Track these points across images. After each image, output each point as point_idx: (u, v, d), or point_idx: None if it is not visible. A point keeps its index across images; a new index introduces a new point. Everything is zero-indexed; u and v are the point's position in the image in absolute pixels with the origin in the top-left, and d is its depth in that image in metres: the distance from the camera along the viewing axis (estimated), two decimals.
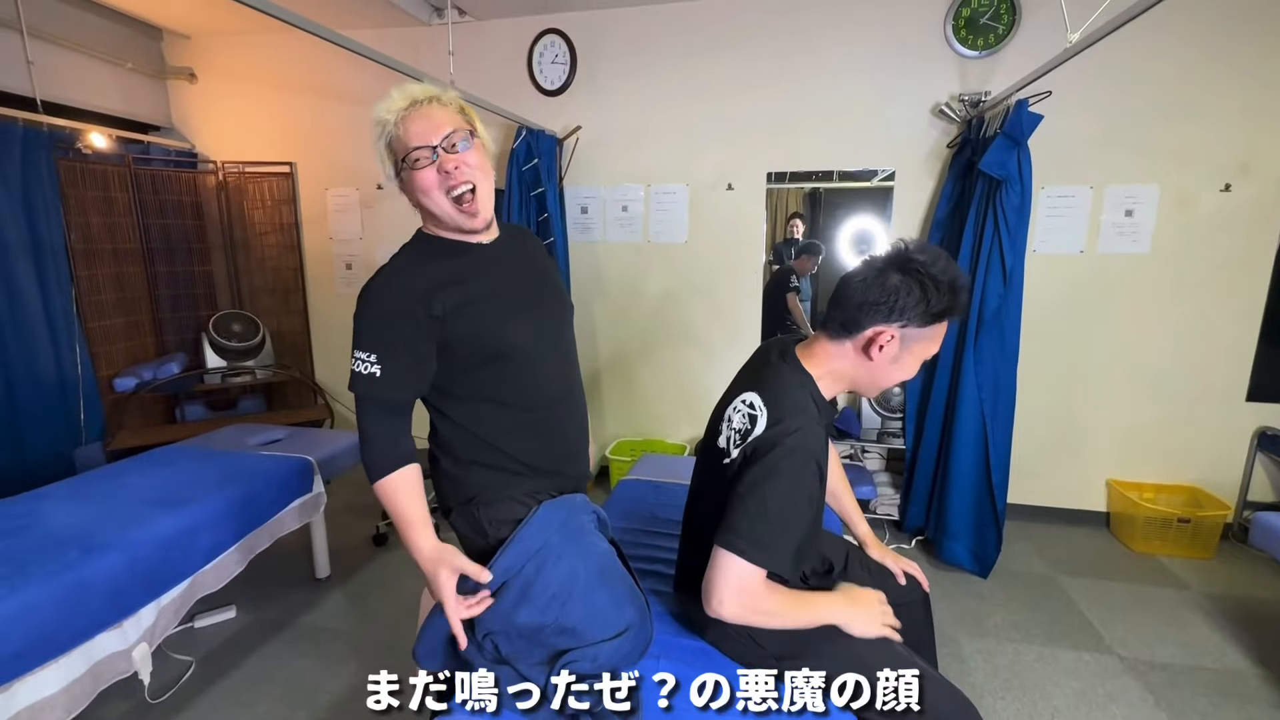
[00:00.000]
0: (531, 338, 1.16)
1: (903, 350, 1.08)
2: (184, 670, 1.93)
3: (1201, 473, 2.81)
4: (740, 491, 1.05)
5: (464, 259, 1.14)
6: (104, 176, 3.14)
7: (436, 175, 1.07)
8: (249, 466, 2.18)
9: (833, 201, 3.00)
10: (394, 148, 1.08)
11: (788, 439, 1.03)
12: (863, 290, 1.07)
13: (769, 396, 1.10)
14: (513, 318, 1.14)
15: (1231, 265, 2.65)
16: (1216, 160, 2.59)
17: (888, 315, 1.05)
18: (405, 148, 1.06)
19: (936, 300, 1.04)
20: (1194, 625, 2.20)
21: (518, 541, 1.13)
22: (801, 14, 2.86)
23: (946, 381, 2.60)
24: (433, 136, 1.05)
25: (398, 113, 1.06)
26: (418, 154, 1.05)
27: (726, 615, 1.05)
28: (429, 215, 1.13)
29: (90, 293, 3.06)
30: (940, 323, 1.07)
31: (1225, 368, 2.73)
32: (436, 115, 1.07)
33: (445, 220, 1.12)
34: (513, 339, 1.13)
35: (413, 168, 1.06)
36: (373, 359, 1.07)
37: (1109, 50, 2.20)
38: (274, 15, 1.62)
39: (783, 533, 1.02)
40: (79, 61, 3.13)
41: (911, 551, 2.74)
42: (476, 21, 3.20)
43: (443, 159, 1.06)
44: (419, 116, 1.06)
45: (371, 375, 1.07)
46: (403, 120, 1.06)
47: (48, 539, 1.61)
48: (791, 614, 1.10)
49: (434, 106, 1.07)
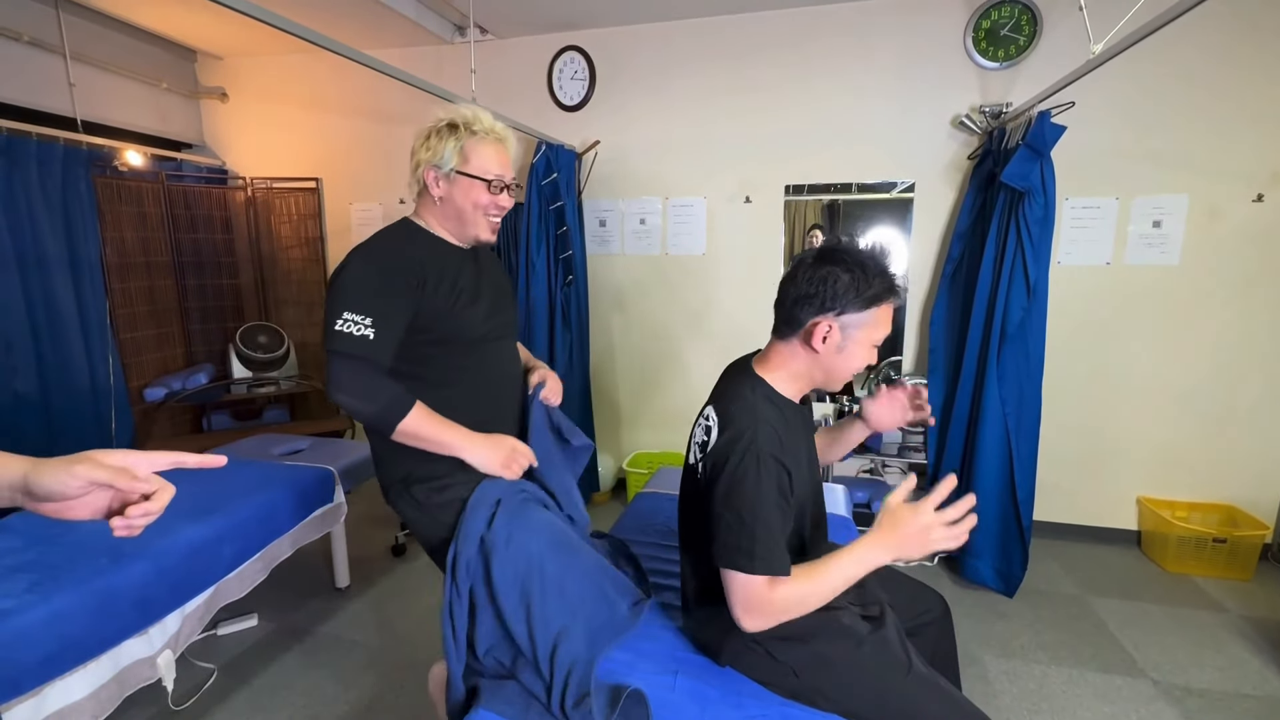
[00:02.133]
0: (492, 332, 1.32)
1: (845, 339, 1.11)
2: (206, 677, 1.95)
3: (1238, 491, 2.72)
4: (717, 509, 1.07)
5: (446, 253, 1.29)
6: (138, 193, 3.24)
7: (492, 201, 1.26)
8: (272, 476, 2.21)
9: (852, 213, 2.99)
10: (468, 154, 1.23)
11: (738, 444, 1.06)
12: (795, 286, 1.12)
13: (721, 408, 1.14)
14: (480, 311, 1.29)
15: (1265, 277, 2.58)
16: (1248, 170, 2.53)
17: (821, 305, 1.09)
18: (485, 167, 1.24)
19: (865, 285, 1.08)
20: (1232, 649, 2.12)
21: (464, 538, 1.19)
22: (821, 27, 2.87)
23: (969, 395, 2.56)
24: (507, 174, 1.28)
25: (486, 132, 1.24)
26: (496, 180, 1.25)
27: (753, 627, 1.04)
28: (447, 215, 1.28)
29: (123, 305, 3.16)
30: (878, 306, 1.11)
31: (1261, 382, 2.65)
32: (508, 157, 1.29)
33: (466, 227, 1.29)
34: (480, 329, 1.28)
35: (484, 181, 1.24)
36: (367, 321, 1.12)
37: (1133, 60, 2.18)
38: (303, 37, 1.67)
39: (766, 534, 1.02)
40: (117, 83, 3.25)
41: (934, 569, 2.68)
42: (498, 40, 3.26)
43: (505, 196, 1.28)
44: (502, 151, 1.27)
45: (365, 338, 1.12)
46: (487, 142, 1.24)
47: (79, 547, 1.65)
48: (814, 592, 1.03)
49: (507, 148, 1.29)
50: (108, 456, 0.63)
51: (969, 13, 2.68)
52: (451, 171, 1.23)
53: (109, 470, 0.61)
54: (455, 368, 1.28)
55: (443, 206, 1.27)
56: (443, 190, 1.25)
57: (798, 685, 1.12)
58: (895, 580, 1.40)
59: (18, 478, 0.61)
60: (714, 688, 1.15)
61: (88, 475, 0.60)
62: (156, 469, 0.66)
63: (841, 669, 1.11)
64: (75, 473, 0.60)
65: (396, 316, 1.17)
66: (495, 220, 1.29)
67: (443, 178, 1.24)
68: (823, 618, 1.16)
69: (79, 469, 0.60)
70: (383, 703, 1.87)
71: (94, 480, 0.60)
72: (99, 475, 0.60)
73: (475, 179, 1.23)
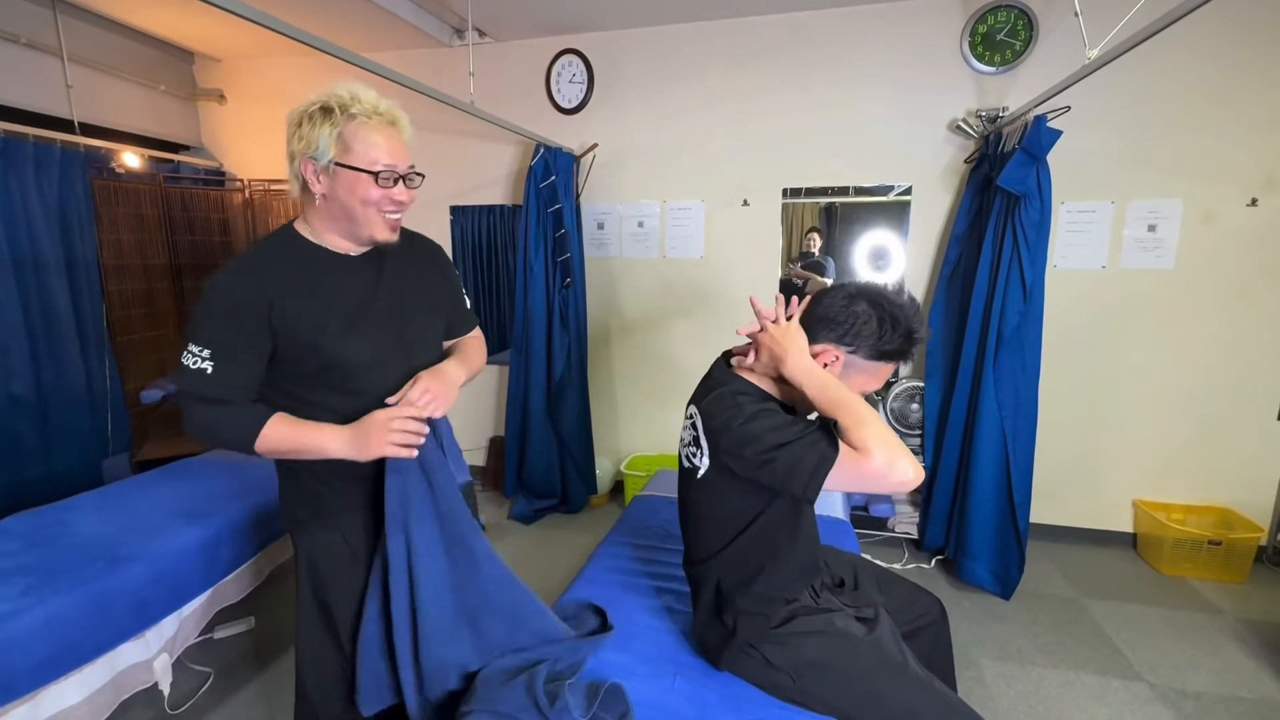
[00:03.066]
0: (371, 352, 1.11)
1: (843, 376, 1.12)
2: (203, 681, 1.95)
3: (1233, 493, 2.74)
4: (760, 461, 1.02)
5: (325, 267, 1.10)
6: (136, 195, 3.24)
7: (384, 195, 1.07)
8: (270, 479, 2.20)
9: (849, 216, 3.00)
10: (348, 141, 1.04)
11: (729, 410, 1.09)
12: (825, 306, 1.12)
13: (704, 407, 1.16)
14: (354, 331, 1.10)
15: (1260, 280, 2.59)
16: (1242, 175, 2.55)
17: (840, 337, 1.10)
18: (371, 156, 1.04)
19: (889, 339, 1.08)
20: (1228, 652, 2.13)
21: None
22: (818, 31, 2.88)
23: (966, 398, 2.57)
24: (400, 163, 1.07)
25: (369, 114, 1.04)
26: (386, 170, 1.05)
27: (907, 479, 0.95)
28: (333, 216, 1.09)
29: (120, 307, 3.15)
30: (886, 363, 1.11)
31: (1255, 385, 2.66)
32: (400, 142, 1.09)
33: (358, 228, 1.09)
34: (348, 352, 1.08)
35: (370, 174, 1.04)
36: (205, 354, 1.01)
37: (1129, 65, 2.19)
38: (301, 40, 1.67)
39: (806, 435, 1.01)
40: (114, 85, 3.24)
41: (931, 571, 2.69)
42: (496, 43, 3.26)
43: (400, 189, 1.09)
44: (392, 134, 1.07)
45: (201, 371, 1.01)
46: (371, 126, 1.04)
47: (76, 550, 1.64)
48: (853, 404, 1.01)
49: (398, 132, 1.09)
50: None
51: (965, 17, 2.70)
52: (330, 164, 1.04)
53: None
54: (318, 404, 1.10)
55: (326, 205, 1.07)
56: (324, 186, 1.06)
57: (794, 689, 1.13)
58: (892, 583, 1.40)
59: None
60: (712, 691, 1.16)
61: None
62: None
63: (837, 672, 1.12)
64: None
65: (245, 347, 1.03)
66: (394, 217, 1.10)
67: (322, 171, 1.05)
68: (818, 621, 1.16)
69: None
70: None
71: None
72: None
73: (360, 171, 1.04)
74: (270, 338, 1.04)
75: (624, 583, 1.55)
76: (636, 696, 1.13)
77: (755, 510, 1.15)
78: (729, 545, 1.17)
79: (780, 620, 1.15)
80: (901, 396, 2.90)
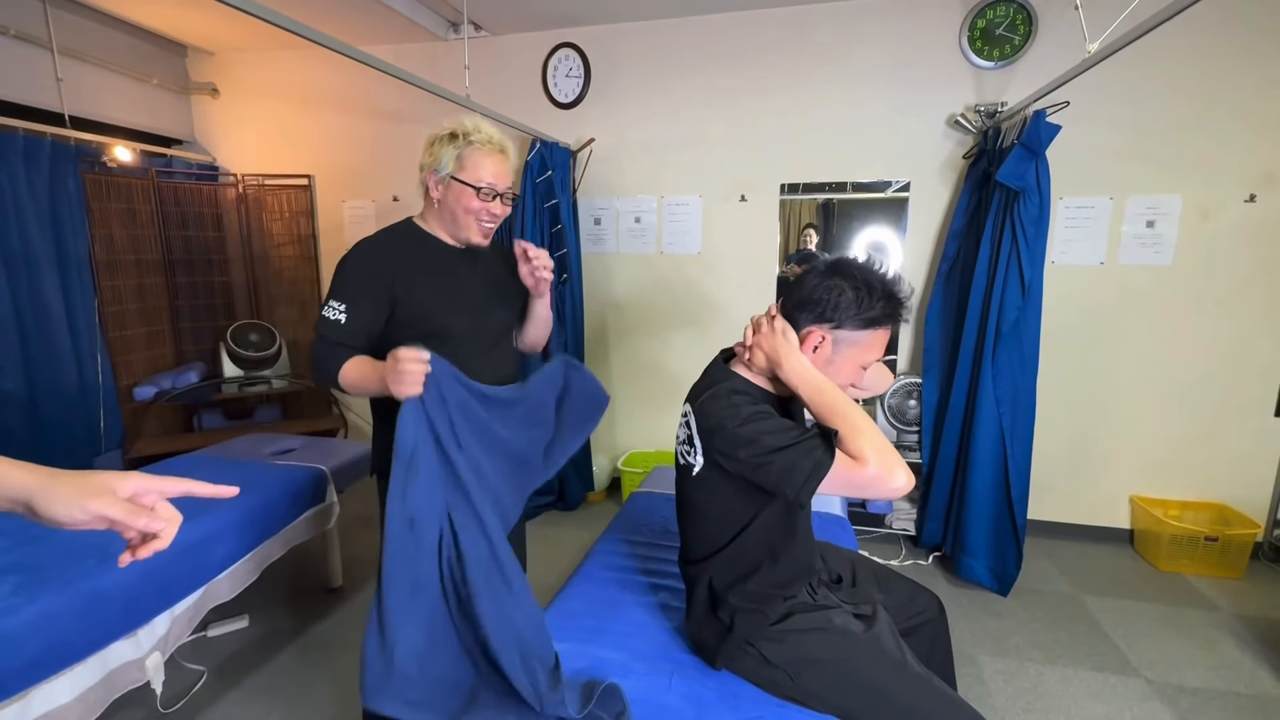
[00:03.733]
0: (468, 333, 1.36)
1: (835, 353, 1.12)
2: (196, 679, 1.93)
3: (1229, 490, 2.74)
4: (755, 463, 1.02)
5: (435, 253, 1.37)
6: (128, 189, 3.21)
7: (483, 208, 1.33)
8: (264, 476, 2.19)
9: (846, 212, 2.99)
10: (464, 161, 1.30)
11: (726, 411, 1.08)
12: (800, 290, 1.12)
13: (699, 405, 1.15)
14: (456, 311, 1.35)
15: (1258, 277, 2.59)
16: (1240, 171, 2.54)
17: (820, 315, 1.10)
18: (478, 175, 1.31)
19: (868, 305, 1.08)
20: (1224, 648, 2.13)
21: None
22: (816, 26, 2.86)
23: (964, 394, 2.56)
24: (501, 184, 1.34)
25: (483, 142, 1.31)
26: (487, 188, 1.31)
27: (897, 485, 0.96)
28: (443, 218, 1.36)
29: (112, 303, 3.12)
30: (875, 329, 1.10)
31: (1253, 381, 2.66)
32: (506, 167, 1.36)
33: (458, 230, 1.36)
34: (450, 324, 1.33)
35: (475, 189, 1.30)
36: (341, 309, 1.26)
37: (1128, 62, 2.18)
38: (296, 32, 1.64)
39: (801, 439, 1.00)
40: (106, 78, 3.21)
41: (929, 568, 2.69)
42: (492, 37, 3.24)
43: (497, 204, 1.35)
44: (499, 160, 1.34)
45: (337, 321, 1.26)
46: (484, 152, 1.31)
47: (66, 548, 1.62)
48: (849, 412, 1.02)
49: (506, 158, 1.35)
50: (122, 483, 0.60)
51: (964, 12, 2.68)
52: (447, 177, 1.31)
53: (122, 509, 0.59)
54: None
55: (439, 209, 1.36)
56: (439, 194, 1.34)
57: (792, 687, 1.12)
58: (890, 580, 1.40)
59: (21, 493, 0.58)
60: (710, 690, 1.15)
61: (99, 511, 0.58)
62: (168, 496, 0.64)
63: (834, 669, 1.11)
64: (88, 508, 0.58)
65: (370, 307, 1.28)
66: (488, 226, 1.37)
67: (440, 182, 1.32)
68: (816, 618, 1.15)
69: (92, 505, 0.58)
70: None
71: (105, 517, 0.58)
72: (113, 513, 0.58)
73: (467, 185, 1.30)
74: (389, 304, 1.30)
75: (621, 580, 1.54)
76: (633, 695, 1.12)
77: (752, 510, 1.14)
78: (726, 547, 1.16)
79: (778, 617, 1.15)
80: (899, 393, 2.89)
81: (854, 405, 1.04)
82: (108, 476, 0.60)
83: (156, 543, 0.62)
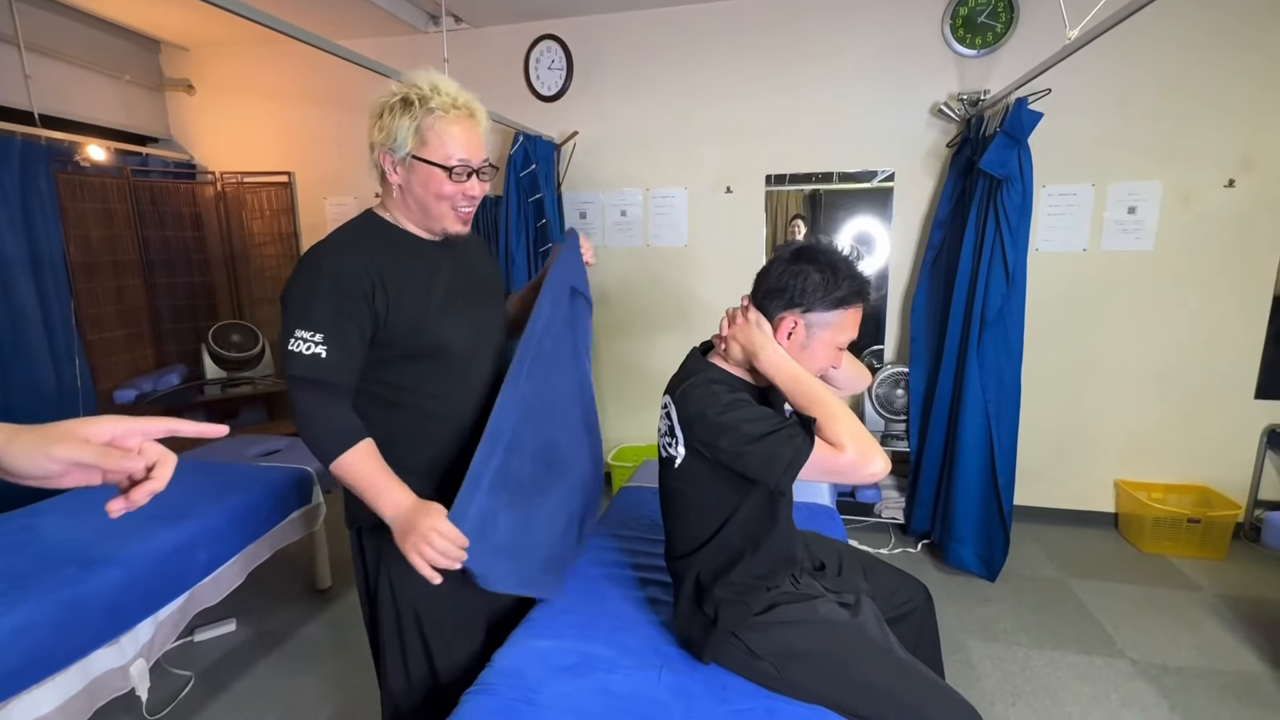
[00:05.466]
0: (467, 334, 1.16)
1: (810, 337, 1.13)
2: (183, 685, 1.91)
3: (1211, 472, 2.78)
4: (735, 452, 1.03)
5: (412, 250, 1.12)
6: (102, 189, 3.14)
7: (458, 190, 1.08)
8: (248, 478, 2.16)
9: (833, 203, 2.99)
10: (425, 135, 1.04)
11: (705, 400, 1.09)
12: (768, 279, 1.14)
13: (677, 395, 1.15)
14: (450, 318, 1.13)
15: (1237, 261, 2.62)
16: (1219, 156, 2.56)
17: (790, 301, 1.12)
18: (446, 152, 1.05)
19: (834, 286, 1.10)
20: (1207, 628, 2.16)
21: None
22: (799, 16, 2.84)
23: (950, 382, 2.58)
24: (475, 157, 1.08)
25: (446, 108, 1.05)
26: (461, 165, 1.06)
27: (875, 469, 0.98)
28: (408, 206, 1.11)
29: (90, 305, 3.06)
30: (845, 309, 1.12)
31: (1233, 365, 2.70)
32: (478, 133, 1.09)
33: (430, 220, 1.11)
34: (446, 335, 1.12)
35: (446, 169, 1.05)
36: (317, 338, 0.99)
37: (1108, 47, 2.19)
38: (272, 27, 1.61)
39: (781, 426, 1.02)
40: (77, 74, 3.13)
41: (918, 555, 2.71)
42: (473, 29, 3.20)
43: (474, 184, 1.10)
44: (470, 128, 1.07)
45: (316, 356, 0.99)
46: (448, 120, 1.05)
47: (46, 555, 1.60)
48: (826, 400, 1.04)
49: (476, 124, 1.09)
50: (92, 428, 0.55)
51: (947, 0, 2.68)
52: (408, 157, 1.05)
53: (94, 450, 0.54)
54: (411, 389, 1.12)
55: (403, 196, 1.10)
56: (400, 178, 1.08)
57: (779, 680, 1.12)
58: (877, 570, 1.40)
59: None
60: (698, 683, 1.14)
61: (69, 457, 0.53)
62: (151, 437, 0.58)
63: (819, 661, 1.11)
64: (54, 455, 0.53)
65: (353, 329, 1.03)
66: (465, 211, 1.12)
67: (399, 164, 1.06)
68: (801, 610, 1.15)
69: (58, 450, 0.53)
70: (368, 707, 1.85)
71: (76, 461, 0.53)
72: (83, 456, 0.53)
73: (435, 165, 1.04)
74: (372, 319, 1.05)
75: (609, 574, 1.53)
76: (622, 689, 1.11)
77: (734, 500, 1.14)
78: (711, 539, 1.16)
79: (762, 608, 1.15)
80: (887, 382, 2.91)
81: (831, 393, 1.05)
82: (74, 423, 0.56)
83: (151, 484, 0.57)
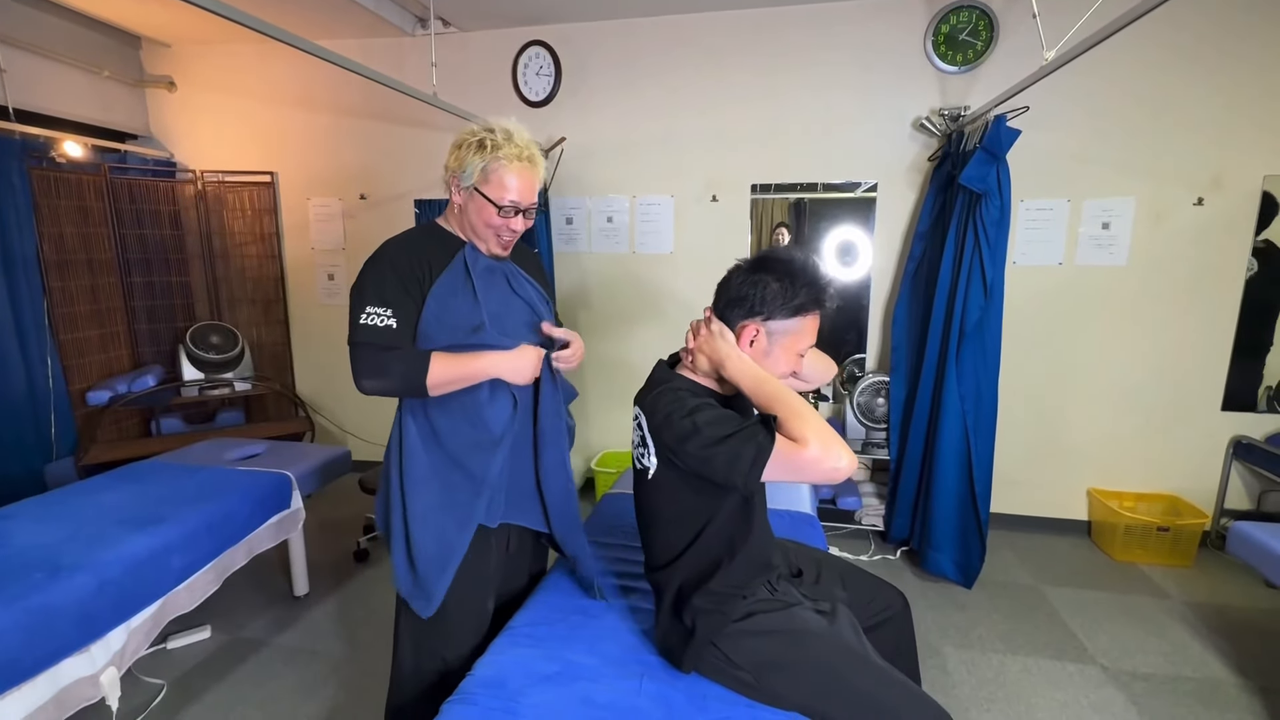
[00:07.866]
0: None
1: (771, 344, 1.16)
2: (155, 694, 1.87)
3: (1180, 481, 2.85)
4: (701, 456, 1.04)
5: (469, 256, 1.32)
6: (79, 186, 3.09)
7: (503, 224, 1.28)
8: (225, 482, 2.13)
9: (817, 212, 3.03)
10: (489, 175, 1.24)
11: (670, 407, 1.11)
12: (728, 289, 1.17)
13: (647, 404, 1.17)
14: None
15: (1205, 277, 2.70)
16: (1189, 175, 2.64)
17: (750, 310, 1.14)
18: (503, 191, 1.25)
19: (792, 294, 1.12)
20: (1175, 634, 2.22)
21: None
22: (785, 29, 2.88)
23: (929, 392, 2.62)
24: (525, 200, 1.28)
25: (514, 156, 1.24)
26: (509, 206, 1.26)
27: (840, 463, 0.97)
28: (464, 223, 1.32)
29: (63, 304, 3.00)
30: (803, 316, 1.15)
31: (1200, 378, 2.77)
32: (534, 178, 1.29)
33: (477, 240, 1.32)
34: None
35: (496, 206, 1.25)
36: (388, 312, 1.22)
37: (1084, 67, 2.25)
38: (254, 28, 1.60)
39: (742, 426, 1.04)
40: (54, 69, 3.07)
41: (896, 562, 2.74)
42: (460, 33, 3.19)
43: (518, 220, 1.30)
44: (526, 175, 1.27)
45: (388, 327, 1.21)
46: (513, 167, 1.24)
47: (13, 561, 1.56)
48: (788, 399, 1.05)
49: (535, 168, 1.29)
50: None
51: (929, 17, 2.73)
52: (471, 188, 1.26)
53: None
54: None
55: (461, 215, 1.32)
56: (461, 200, 1.30)
57: (758, 689, 1.13)
58: (856, 577, 1.42)
59: None
60: (679, 691, 1.15)
61: None
62: None
63: (796, 670, 1.12)
64: None
65: (412, 308, 1.25)
66: (507, 240, 1.33)
67: (463, 190, 1.28)
68: (778, 619, 1.17)
69: None
70: (344, 714, 1.83)
71: None
72: None
73: (488, 201, 1.25)
74: (420, 304, 1.26)
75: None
76: (603, 699, 1.12)
77: (709, 508, 1.15)
78: (688, 549, 1.17)
79: (739, 616, 1.16)
80: (867, 391, 2.94)
81: (795, 394, 1.07)
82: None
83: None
